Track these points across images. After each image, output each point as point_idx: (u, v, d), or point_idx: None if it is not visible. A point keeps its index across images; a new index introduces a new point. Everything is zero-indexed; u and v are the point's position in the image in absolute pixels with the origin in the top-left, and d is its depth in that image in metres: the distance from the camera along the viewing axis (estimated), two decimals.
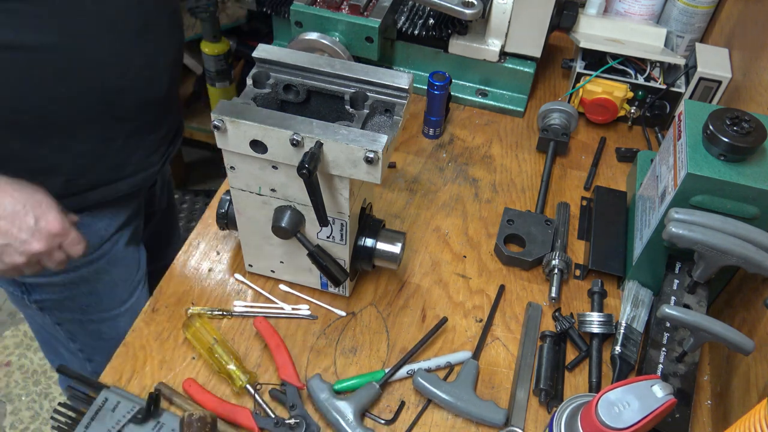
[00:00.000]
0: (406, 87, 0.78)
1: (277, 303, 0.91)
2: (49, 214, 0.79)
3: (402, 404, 0.82)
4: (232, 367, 0.81)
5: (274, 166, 0.75)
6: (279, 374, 0.81)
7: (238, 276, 0.93)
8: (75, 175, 0.93)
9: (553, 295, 0.92)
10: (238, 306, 0.90)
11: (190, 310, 0.89)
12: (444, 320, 0.87)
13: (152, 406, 0.76)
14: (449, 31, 1.16)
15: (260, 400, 0.79)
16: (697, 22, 1.23)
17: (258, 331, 0.85)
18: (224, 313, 0.89)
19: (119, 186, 1.00)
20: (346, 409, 0.78)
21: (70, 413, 0.78)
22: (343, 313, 0.90)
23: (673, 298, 0.84)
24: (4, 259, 0.80)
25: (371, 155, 0.69)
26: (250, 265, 0.92)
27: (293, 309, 0.90)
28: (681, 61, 1.15)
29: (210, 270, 0.94)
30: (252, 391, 0.80)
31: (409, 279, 0.95)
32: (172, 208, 1.36)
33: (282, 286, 0.92)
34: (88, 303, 1.08)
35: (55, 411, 0.79)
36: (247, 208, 0.82)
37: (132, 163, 1.00)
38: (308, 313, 0.90)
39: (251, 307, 0.90)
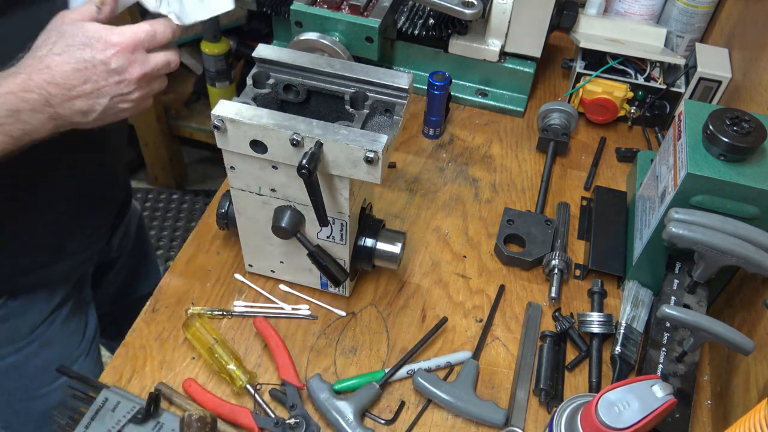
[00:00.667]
0: (406, 87, 0.78)
1: (277, 303, 0.91)
2: (110, 38, 0.69)
3: (402, 404, 0.82)
4: (232, 367, 0.80)
5: (274, 166, 0.75)
6: (279, 374, 0.81)
7: (238, 276, 0.93)
8: (2, 258, 0.87)
9: (553, 295, 0.92)
10: (238, 306, 0.90)
11: (190, 310, 0.89)
12: (444, 320, 0.87)
13: (152, 406, 0.76)
14: (449, 31, 1.16)
15: (260, 400, 0.79)
16: (697, 22, 1.23)
17: (258, 331, 0.85)
18: (224, 313, 0.89)
19: (58, 267, 0.94)
20: (346, 409, 0.78)
21: (70, 413, 0.78)
22: (343, 313, 0.90)
23: (673, 298, 0.84)
24: (132, 98, 0.72)
25: (371, 155, 0.69)
26: (250, 265, 0.92)
27: (293, 309, 0.90)
28: (681, 61, 1.15)
29: (210, 270, 0.94)
30: (252, 391, 0.80)
31: (409, 279, 0.95)
32: (142, 245, 1.26)
33: (282, 286, 0.92)
34: (16, 387, 1.00)
35: (55, 410, 0.79)
36: (247, 208, 0.82)
37: (73, 242, 0.94)
38: (308, 313, 0.90)
39: (251, 307, 0.90)
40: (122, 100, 0.72)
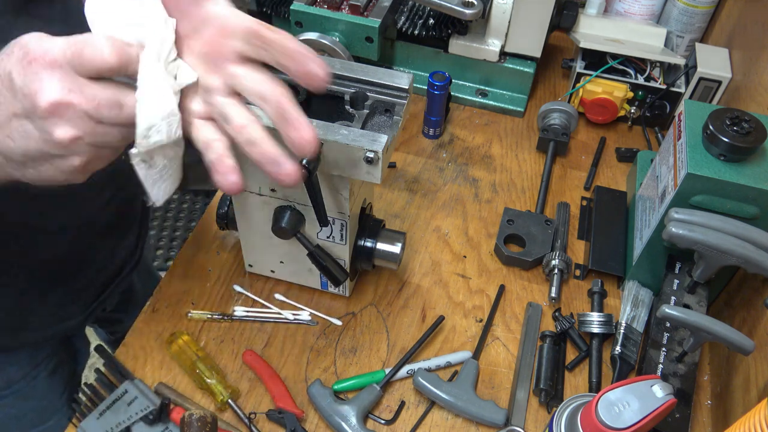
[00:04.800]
0: (406, 87, 0.78)
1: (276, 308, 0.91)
2: (25, 41, 0.46)
3: (402, 404, 0.82)
4: (212, 381, 0.80)
5: None
6: (275, 403, 0.80)
7: (237, 287, 0.93)
8: None
9: (553, 295, 0.92)
10: (239, 310, 0.90)
11: (190, 314, 0.88)
12: (441, 318, 0.87)
13: (162, 412, 0.76)
14: (449, 31, 1.16)
15: (254, 429, 0.78)
16: (697, 22, 1.23)
17: (248, 365, 0.84)
18: (224, 316, 0.89)
19: (23, 335, 0.88)
20: (348, 413, 0.77)
21: (91, 395, 0.79)
22: (339, 323, 0.89)
23: (673, 298, 0.84)
24: (53, 138, 0.46)
25: (371, 155, 0.69)
26: (250, 265, 0.92)
27: (293, 314, 0.90)
28: (681, 61, 1.15)
29: (210, 270, 0.94)
30: (234, 406, 0.79)
31: (409, 279, 0.95)
32: (146, 276, 1.16)
33: (278, 296, 0.91)
34: None
35: (79, 390, 0.79)
36: (247, 208, 0.82)
37: (37, 316, 0.87)
38: (309, 318, 0.89)
39: (251, 311, 0.90)
40: (39, 140, 0.47)
